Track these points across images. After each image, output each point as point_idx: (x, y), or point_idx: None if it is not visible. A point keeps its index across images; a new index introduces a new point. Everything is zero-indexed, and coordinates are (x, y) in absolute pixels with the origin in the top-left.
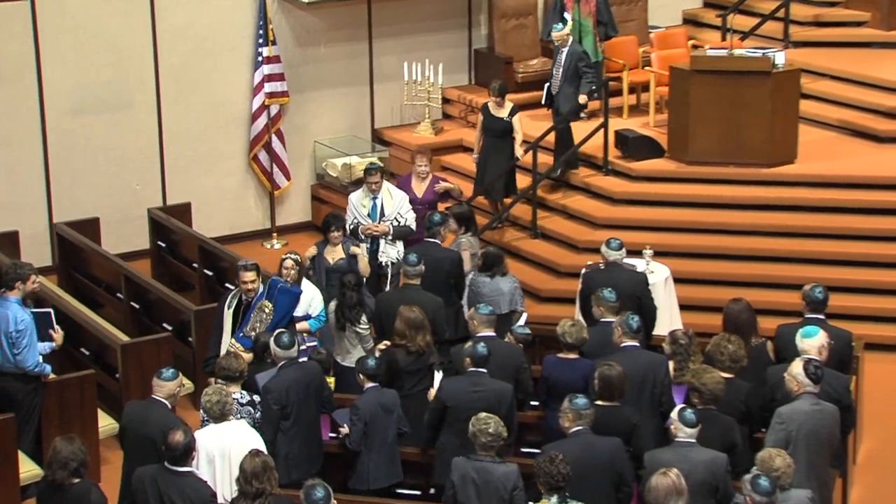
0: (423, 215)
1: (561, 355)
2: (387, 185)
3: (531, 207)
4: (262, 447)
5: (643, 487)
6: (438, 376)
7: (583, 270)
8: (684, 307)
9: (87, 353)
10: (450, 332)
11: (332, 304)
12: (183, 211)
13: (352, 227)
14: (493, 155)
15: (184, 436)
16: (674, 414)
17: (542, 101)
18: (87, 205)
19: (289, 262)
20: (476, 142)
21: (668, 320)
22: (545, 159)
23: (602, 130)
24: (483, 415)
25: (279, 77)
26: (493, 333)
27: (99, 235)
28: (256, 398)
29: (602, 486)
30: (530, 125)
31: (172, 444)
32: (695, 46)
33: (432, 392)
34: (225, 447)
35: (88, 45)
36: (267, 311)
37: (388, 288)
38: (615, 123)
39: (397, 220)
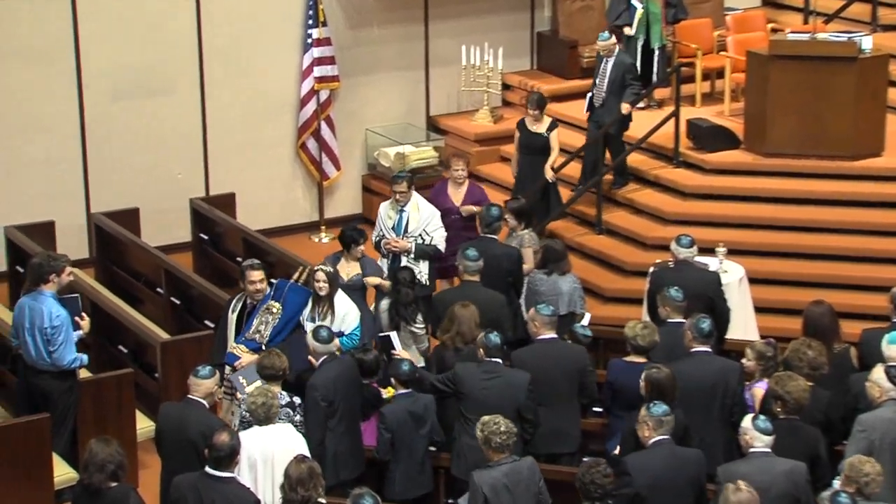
0: (459, 227)
1: (628, 359)
2: (416, 198)
3: (596, 201)
4: (307, 452)
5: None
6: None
7: (651, 269)
8: (760, 310)
9: (124, 350)
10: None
11: (385, 303)
12: (227, 201)
13: (376, 239)
14: (530, 175)
15: (230, 437)
16: (746, 423)
17: (585, 110)
18: (126, 194)
19: (321, 276)
20: (513, 160)
21: (743, 324)
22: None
23: (673, 120)
24: (487, 417)
25: (329, 60)
26: (555, 335)
27: (138, 226)
28: (297, 399)
29: (685, 502)
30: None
31: (218, 445)
32: (774, 30)
33: None
34: (268, 452)
35: (129, 26)
36: (275, 310)
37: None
38: (687, 112)
39: (422, 238)
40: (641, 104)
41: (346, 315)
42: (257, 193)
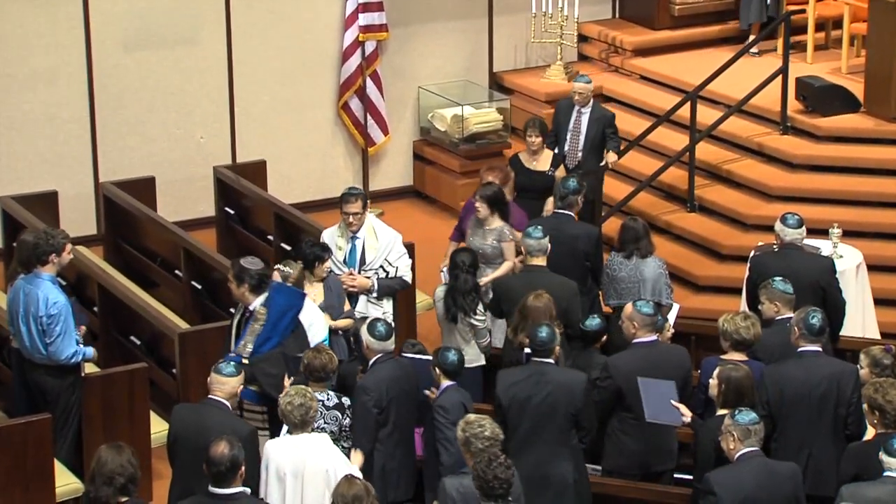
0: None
1: (726, 357)
2: (372, 221)
3: (687, 174)
4: (347, 468)
5: None
6: None
7: (752, 253)
8: (880, 301)
9: (137, 342)
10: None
11: (441, 290)
12: (256, 171)
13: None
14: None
15: (229, 447)
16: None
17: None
18: (140, 161)
19: (276, 276)
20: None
21: (861, 318)
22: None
23: (780, 77)
24: (473, 417)
25: (377, 6)
26: (656, 338)
27: (154, 199)
28: (346, 401)
29: None
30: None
31: (216, 459)
32: None
33: None
34: (299, 464)
35: None
36: (261, 316)
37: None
38: (797, 69)
39: (384, 270)
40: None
41: (311, 325)
42: (292, 161)
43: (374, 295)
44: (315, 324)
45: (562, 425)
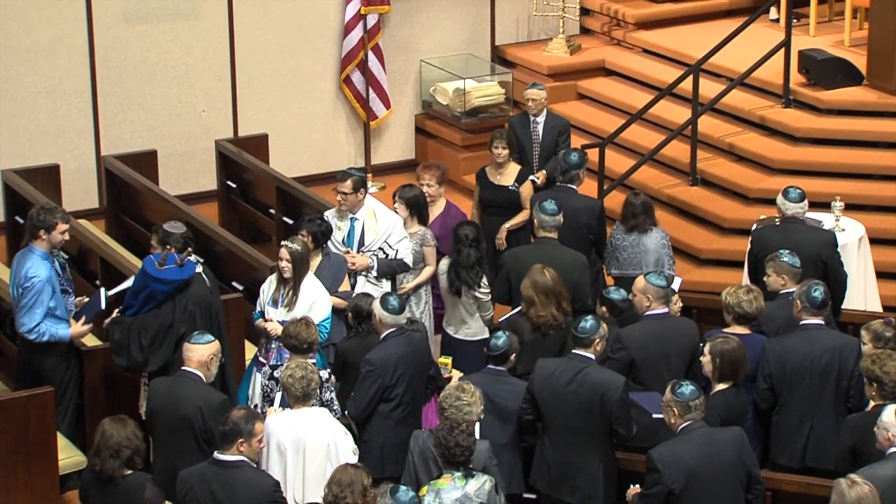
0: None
1: (728, 330)
2: (373, 204)
3: (689, 147)
4: (349, 442)
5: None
6: None
7: (753, 227)
8: (882, 275)
9: None
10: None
11: (444, 263)
12: (258, 144)
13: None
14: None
15: (240, 415)
16: (888, 416)
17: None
18: (141, 134)
19: (283, 253)
20: (473, 220)
21: (863, 291)
22: (706, 89)
23: (783, 50)
24: (455, 386)
25: None
26: (667, 310)
27: (156, 172)
28: (325, 374)
29: (731, 491)
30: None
31: (224, 419)
32: None
33: None
34: (300, 438)
35: None
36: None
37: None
38: (800, 42)
39: (384, 253)
40: None
41: (314, 303)
42: (293, 135)
43: (374, 274)
44: (318, 300)
45: (596, 425)
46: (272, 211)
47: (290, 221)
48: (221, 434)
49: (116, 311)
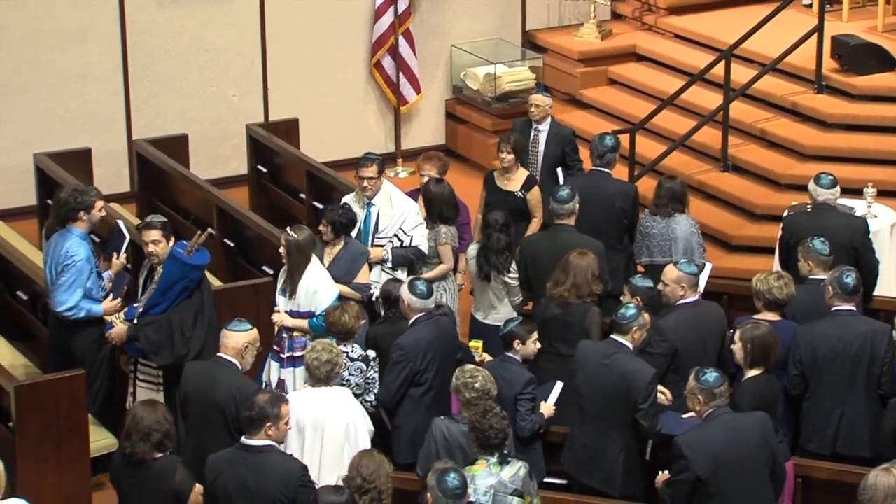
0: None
1: (758, 316)
2: (388, 188)
3: (721, 133)
4: (367, 422)
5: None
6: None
7: (785, 213)
8: None
9: None
10: (615, 283)
11: (473, 249)
12: (289, 129)
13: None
14: None
15: (266, 399)
16: None
17: (520, 187)
18: (173, 119)
19: (282, 242)
20: (476, 225)
21: (894, 278)
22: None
23: (815, 36)
24: (469, 367)
25: None
26: (697, 297)
27: (187, 156)
28: (371, 353)
29: (758, 475)
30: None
31: (250, 403)
32: None
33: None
34: (319, 418)
35: None
36: (157, 277)
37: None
38: (832, 27)
39: (399, 239)
40: None
41: (316, 292)
42: (324, 120)
43: (389, 265)
44: (320, 290)
45: (621, 412)
46: (302, 195)
47: (321, 206)
48: (248, 419)
49: (135, 317)
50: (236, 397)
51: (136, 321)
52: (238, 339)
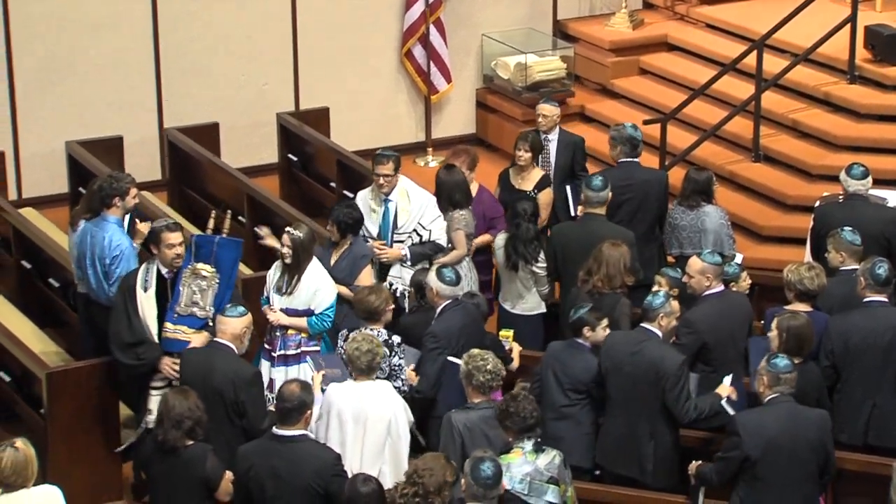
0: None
1: (790, 307)
2: (404, 183)
3: (752, 123)
4: (408, 414)
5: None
6: None
7: (816, 204)
8: None
9: None
10: (648, 273)
11: (501, 238)
12: (319, 117)
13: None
14: None
15: (300, 388)
16: None
17: (533, 187)
18: (204, 107)
19: (285, 239)
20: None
21: None
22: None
23: (848, 25)
24: (476, 351)
25: None
26: (723, 287)
27: (218, 145)
28: (396, 339)
29: (808, 469)
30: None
31: (286, 395)
32: None
33: None
34: (361, 411)
35: None
36: (206, 273)
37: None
38: (866, 17)
39: (417, 234)
40: None
41: (317, 291)
42: (354, 109)
43: (408, 264)
44: (322, 289)
45: (650, 400)
46: (333, 184)
47: (351, 195)
48: (287, 410)
49: (191, 313)
50: (234, 381)
51: (209, 323)
52: (236, 324)
